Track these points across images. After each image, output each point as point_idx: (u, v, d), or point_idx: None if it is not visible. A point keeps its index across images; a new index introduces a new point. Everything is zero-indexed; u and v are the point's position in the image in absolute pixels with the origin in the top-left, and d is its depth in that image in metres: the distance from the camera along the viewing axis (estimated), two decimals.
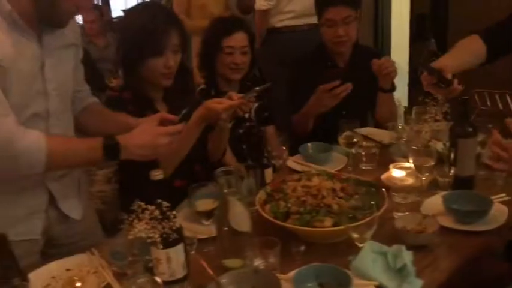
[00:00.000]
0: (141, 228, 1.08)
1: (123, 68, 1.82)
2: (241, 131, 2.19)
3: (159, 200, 1.15)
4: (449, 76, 1.70)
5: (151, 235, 1.10)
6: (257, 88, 1.76)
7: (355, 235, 1.31)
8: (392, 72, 2.27)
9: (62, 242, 1.57)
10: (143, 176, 1.26)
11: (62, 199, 1.53)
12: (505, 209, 1.52)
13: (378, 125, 2.39)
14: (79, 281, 1.30)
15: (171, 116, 1.57)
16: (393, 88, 2.41)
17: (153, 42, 1.70)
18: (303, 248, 1.38)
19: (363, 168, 1.96)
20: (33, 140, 1.30)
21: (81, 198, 1.62)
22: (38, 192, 1.48)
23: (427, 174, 1.67)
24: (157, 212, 1.13)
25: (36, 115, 1.39)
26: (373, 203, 1.36)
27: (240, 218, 1.31)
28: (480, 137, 1.73)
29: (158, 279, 1.10)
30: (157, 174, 1.22)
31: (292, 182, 1.59)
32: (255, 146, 1.82)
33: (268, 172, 1.77)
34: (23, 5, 1.31)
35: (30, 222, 1.47)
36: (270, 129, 2.38)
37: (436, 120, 1.89)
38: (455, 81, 1.72)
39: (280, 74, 2.64)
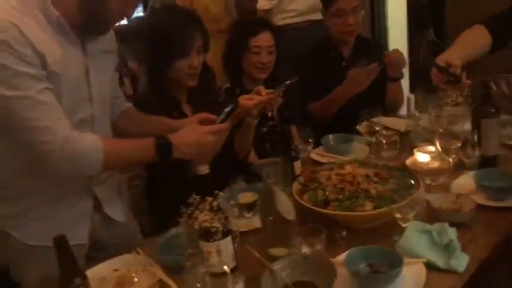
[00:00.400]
0: (204, 219, 1.11)
1: (150, 70, 1.84)
2: (264, 129, 2.21)
3: (216, 191, 1.18)
4: (458, 72, 1.70)
5: (214, 225, 1.13)
6: (287, 82, 1.79)
7: (398, 215, 1.35)
8: (403, 63, 2.36)
9: (105, 245, 1.60)
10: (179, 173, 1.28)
11: (106, 203, 1.56)
12: None
13: (386, 115, 2.41)
14: (134, 277, 1.32)
15: (211, 116, 1.59)
16: (401, 75, 2.47)
17: (179, 44, 1.73)
18: (345, 233, 1.41)
19: (385, 156, 1.99)
20: (90, 142, 1.33)
21: (123, 200, 1.65)
22: (84, 197, 1.51)
23: (453, 156, 1.71)
24: (215, 203, 1.16)
25: (83, 120, 1.42)
26: (412, 182, 1.40)
27: (286, 207, 1.34)
28: (502, 117, 1.78)
29: (226, 268, 1.12)
30: (204, 169, 1.25)
31: (325, 171, 1.62)
32: (281, 141, 1.85)
33: (298, 164, 1.81)
34: (69, 10, 1.32)
35: (77, 228, 1.49)
36: (292, 129, 2.41)
37: (457, 104, 1.94)
38: (464, 76, 1.73)
39: (285, 71, 2.67)
